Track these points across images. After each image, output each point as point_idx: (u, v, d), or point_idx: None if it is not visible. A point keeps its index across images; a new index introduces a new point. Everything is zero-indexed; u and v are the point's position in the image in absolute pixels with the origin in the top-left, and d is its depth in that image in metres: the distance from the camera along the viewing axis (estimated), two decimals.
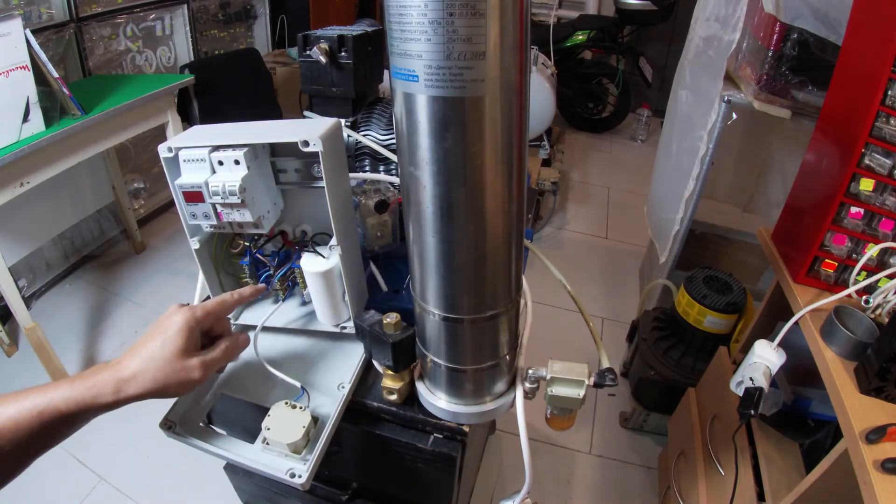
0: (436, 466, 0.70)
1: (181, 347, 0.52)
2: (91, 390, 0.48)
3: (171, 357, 0.51)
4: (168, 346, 0.52)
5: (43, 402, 0.45)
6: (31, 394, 0.46)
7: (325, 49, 0.84)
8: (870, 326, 0.82)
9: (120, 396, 0.49)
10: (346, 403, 0.67)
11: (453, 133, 0.42)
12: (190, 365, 0.53)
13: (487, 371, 0.59)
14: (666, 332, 1.57)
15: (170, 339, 0.52)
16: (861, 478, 0.67)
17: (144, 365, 0.50)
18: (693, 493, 1.18)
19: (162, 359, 0.51)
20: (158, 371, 0.51)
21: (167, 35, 2.51)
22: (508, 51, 0.39)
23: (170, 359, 0.51)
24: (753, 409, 0.87)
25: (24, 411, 0.44)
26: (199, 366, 0.53)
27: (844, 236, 0.89)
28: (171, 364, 0.51)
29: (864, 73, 0.84)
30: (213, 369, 0.55)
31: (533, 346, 0.68)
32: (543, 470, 1.57)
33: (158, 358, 0.51)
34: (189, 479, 1.48)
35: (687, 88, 1.68)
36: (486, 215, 0.47)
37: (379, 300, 0.78)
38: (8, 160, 1.38)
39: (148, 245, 2.46)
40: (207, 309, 0.57)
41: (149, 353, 0.51)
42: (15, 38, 1.36)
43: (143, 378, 0.50)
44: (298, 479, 0.57)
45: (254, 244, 0.71)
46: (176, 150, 0.61)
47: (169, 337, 0.52)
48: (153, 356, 0.51)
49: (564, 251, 2.61)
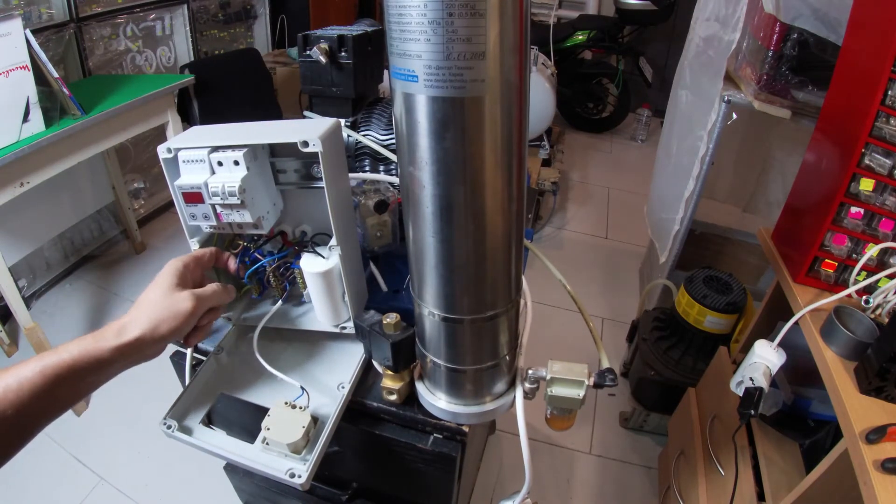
0: (436, 466, 0.70)
1: (170, 284, 0.56)
2: (94, 338, 0.49)
3: (162, 294, 0.55)
4: (159, 286, 0.56)
5: (45, 360, 0.45)
6: (34, 357, 0.46)
7: (325, 49, 0.84)
8: (870, 326, 0.82)
9: (122, 339, 0.50)
10: (345, 403, 0.67)
11: (453, 133, 0.42)
12: (180, 296, 0.55)
13: (487, 371, 0.59)
14: (666, 332, 1.57)
15: (160, 280, 0.56)
16: (861, 478, 0.67)
17: (141, 309, 0.53)
18: (693, 493, 1.18)
19: (154, 299, 0.54)
20: (153, 309, 0.53)
21: (167, 35, 2.51)
22: (508, 51, 0.39)
23: (162, 296, 0.55)
24: (753, 409, 0.87)
25: (25, 372, 0.44)
26: (190, 296, 0.56)
27: (844, 236, 0.89)
28: (164, 300, 0.54)
29: (864, 73, 0.84)
30: (202, 303, 0.57)
31: (533, 346, 0.68)
32: (543, 470, 1.57)
33: (152, 300, 0.54)
34: (189, 479, 1.48)
35: (687, 88, 1.68)
36: (486, 215, 0.47)
37: (379, 300, 0.78)
38: (8, 160, 1.38)
39: (148, 245, 2.46)
40: (194, 254, 0.62)
41: (144, 300, 0.55)
42: (15, 38, 1.36)
43: (140, 319, 0.52)
44: (298, 479, 0.57)
45: (253, 244, 0.71)
46: (175, 150, 0.61)
47: (159, 280, 0.56)
48: (148, 300, 0.55)
49: (564, 251, 2.61)
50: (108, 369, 0.50)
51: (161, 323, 0.53)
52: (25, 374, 0.43)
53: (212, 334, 0.75)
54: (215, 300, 0.60)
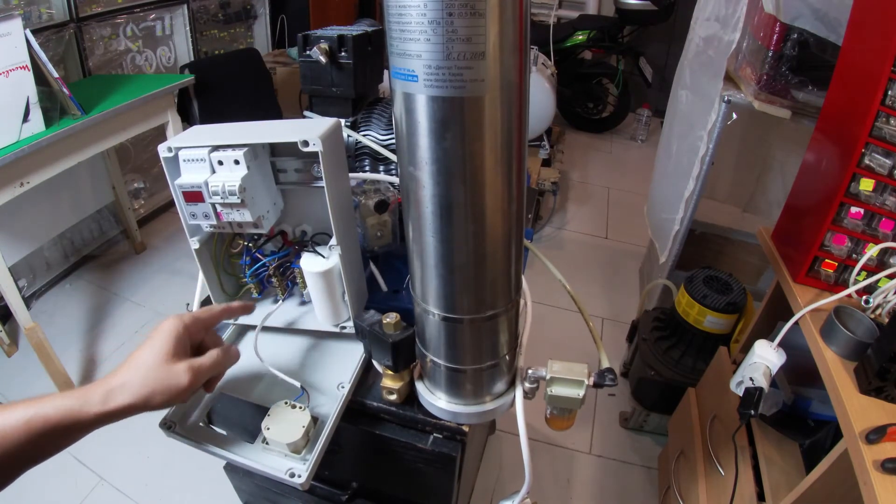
0: (436, 466, 0.70)
1: (167, 352, 0.51)
2: (80, 399, 0.46)
3: (157, 362, 0.50)
4: (155, 351, 0.51)
5: (31, 411, 0.44)
6: (21, 404, 0.44)
7: (325, 49, 0.84)
8: (870, 326, 0.82)
9: (108, 406, 0.47)
10: (345, 403, 0.67)
11: (453, 133, 0.42)
12: (176, 370, 0.51)
13: (487, 371, 0.59)
14: (666, 332, 1.57)
15: (156, 344, 0.51)
16: (861, 478, 0.67)
17: (132, 373, 0.49)
18: (693, 493, 1.18)
19: (148, 365, 0.50)
20: (146, 378, 0.49)
21: (167, 35, 2.51)
22: (508, 51, 0.39)
23: (156, 364, 0.50)
24: (753, 409, 0.87)
25: (11, 420, 0.43)
26: (187, 370, 0.51)
27: (844, 236, 0.89)
28: (158, 370, 0.50)
29: (864, 73, 0.84)
30: (201, 376, 0.53)
31: (533, 346, 0.68)
32: (543, 470, 1.57)
33: (145, 365, 0.50)
34: (189, 479, 1.48)
35: (687, 88, 1.68)
36: (486, 215, 0.47)
37: (379, 300, 0.78)
38: (8, 160, 1.38)
39: (148, 245, 2.46)
40: (195, 315, 0.57)
41: (136, 362, 0.50)
42: (15, 38, 1.36)
43: (130, 386, 0.48)
44: (298, 478, 0.57)
45: (254, 244, 0.71)
46: (176, 149, 0.61)
47: (156, 343, 0.52)
48: (140, 364, 0.50)
49: (564, 251, 2.61)
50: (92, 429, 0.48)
51: (153, 395, 0.49)
52: (11, 423, 0.43)
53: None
54: (215, 370, 0.56)
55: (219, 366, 0.56)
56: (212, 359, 0.55)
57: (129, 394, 0.48)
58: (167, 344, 0.52)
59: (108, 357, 1.88)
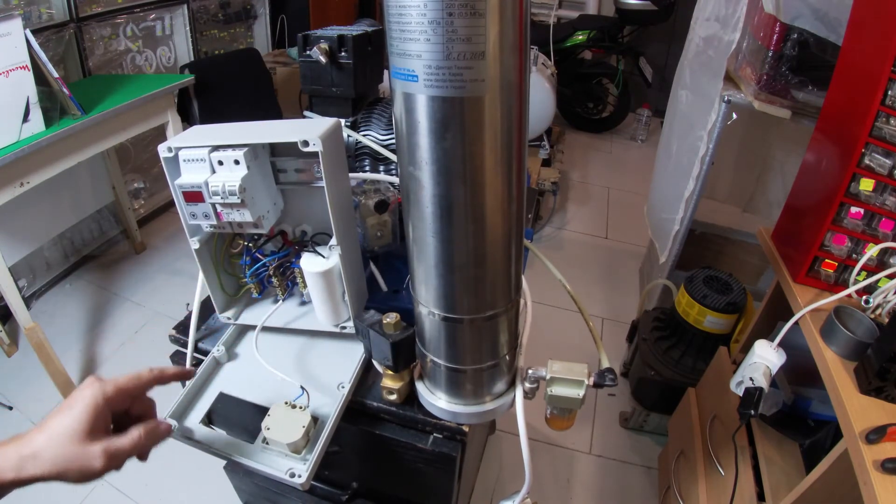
0: (436, 466, 0.70)
1: (84, 429, 0.46)
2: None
3: (72, 438, 0.45)
4: (71, 424, 0.46)
5: None
6: None
7: (325, 49, 0.84)
8: (870, 326, 0.82)
9: (21, 475, 0.43)
10: (345, 403, 0.67)
11: (453, 133, 0.42)
12: (90, 452, 0.46)
13: (487, 371, 0.59)
14: (666, 332, 1.57)
15: (73, 417, 0.46)
16: (861, 478, 0.67)
17: (46, 443, 0.45)
18: (693, 493, 1.18)
19: (63, 439, 0.45)
20: (58, 453, 0.45)
21: (167, 35, 2.51)
22: (508, 51, 0.39)
23: (70, 440, 0.45)
24: (753, 409, 0.87)
25: None
26: (102, 454, 0.46)
27: (844, 236, 0.89)
28: (71, 446, 0.45)
29: (864, 73, 0.84)
30: (118, 460, 0.48)
31: (533, 346, 0.68)
32: (543, 470, 1.57)
33: (60, 436, 0.45)
34: (189, 479, 1.48)
35: (687, 88, 1.68)
36: (486, 215, 0.47)
37: (379, 300, 0.78)
38: (8, 160, 1.38)
39: (148, 245, 2.46)
40: (119, 385, 0.50)
41: (53, 431, 0.46)
42: (15, 38, 1.36)
43: (43, 458, 0.44)
44: (298, 478, 0.57)
45: (254, 244, 0.71)
46: (176, 149, 0.61)
47: (73, 415, 0.46)
48: (56, 434, 0.45)
49: (564, 251, 2.61)
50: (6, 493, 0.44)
51: (66, 473, 0.45)
52: None
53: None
54: (133, 453, 0.49)
55: (139, 448, 0.50)
56: (132, 441, 0.49)
57: (42, 467, 0.44)
58: (83, 418, 0.46)
59: (108, 357, 1.88)
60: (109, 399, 0.48)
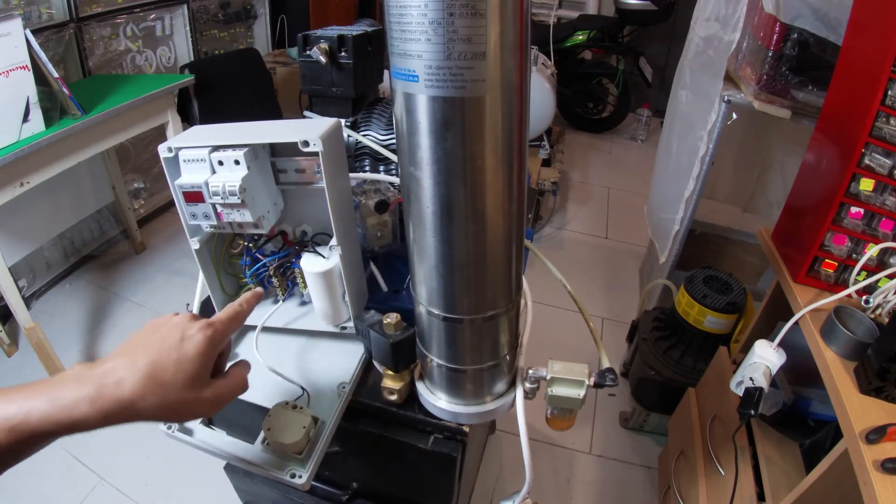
0: (436, 466, 0.70)
1: (199, 374, 0.44)
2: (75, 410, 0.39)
3: (185, 384, 0.43)
4: (185, 370, 0.43)
5: (18, 416, 0.37)
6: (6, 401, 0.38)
7: (325, 49, 0.84)
8: (870, 326, 0.82)
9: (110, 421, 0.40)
10: (346, 403, 0.67)
11: (453, 133, 0.42)
12: (204, 397, 0.44)
13: (487, 371, 0.59)
14: (666, 332, 1.57)
15: (188, 362, 0.43)
16: (861, 478, 0.67)
17: (153, 389, 0.41)
18: (693, 493, 1.18)
19: (175, 385, 0.42)
20: (168, 398, 0.42)
21: (167, 35, 2.51)
22: (508, 51, 0.39)
23: (184, 386, 0.43)
24: (753, 409, 0.87)
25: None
26: (213, 400, 0.45)
27: (844, 236, 0.89)
28: (185, 392, 0.43)
29: (864, 73, 0.84)
30: (223, 404, 0.47)
31: (533, 346, 0.68)
32: (543, 470, 1.57)
33: (171, 384, 0.42)
34: (189, 479, 1.48)
35: (687, 88, 1.68)
36: (487, 215, 0.47)
37: (379, 300, 0.78)
38: (8, 160, 1.38)
39: (148, 245, 2.46)
40: (226, 325, 0.48)
41: (160, 375, 0.42)
42: (15, 38, 1.37)
43: (147, 403, 0.41)
44: (299, 479, 0.57)
45: (254, 244, 0.71)
46: (176, 150, 0.61)
47: (187, 360, 0.43)
48: (165, 380, 0.42)
49: (564, 251, 2.61)
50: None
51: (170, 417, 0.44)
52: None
53: None
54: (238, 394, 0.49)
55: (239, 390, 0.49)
56: (236, 383, 0.48)
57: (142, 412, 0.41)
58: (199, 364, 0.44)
59: None
60: (218, 344, 0.47)
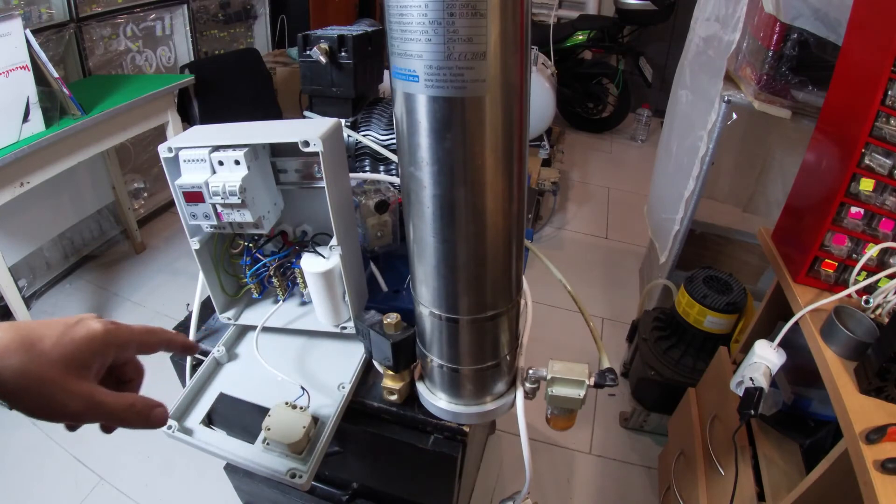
0: (436, 467, 0.70)
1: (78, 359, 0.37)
2: None
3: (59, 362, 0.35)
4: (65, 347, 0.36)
5: None
6: None
7: (325, 49, 0.84)
8: (870, 326, 0.82)
9: None
10: (346, 404, 0.67)
11: (454, 133, 0.42)
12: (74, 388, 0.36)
13: (488, 371, 0.59)
14: (666, 332, 1.57)
15: (71, 341, 0.36)
16: (861, 478, 0.67)
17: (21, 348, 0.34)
18: (693, 493, 1.18)
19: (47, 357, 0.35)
20: (33, 366, 0.34)
21: (167, 35, 2.51)
22: (509, 51, 0.39)
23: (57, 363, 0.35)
24: (753, 409, 0.87)
25: None
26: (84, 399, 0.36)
27: (844, 236, 0.89)
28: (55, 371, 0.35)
29: (864, 73, 0.84)
30: (93, 417, 0.37)
31: (533, 346, 0.68)
32: (543, 470, 1.57)
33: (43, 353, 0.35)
34: (189, 479, 1.48)
35: (687, 88, 1.68)
36: (487, 215, 0.47)
37: (379, 300, 0.78)
38: (8, 160, 1.38)
39: (148, 245, 2.46)
40: (133, 332, 0.41)
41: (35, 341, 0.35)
42: (15, 38, 1.37)
43: (10, 362, 0.34)
44: (299, 479, 0.57)
45: (254, 244, 0.71)
46: (176, 150, 0.61)
47: (70, 339, 0.37)
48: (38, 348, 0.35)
49: (564, 251, 2.61)
50: None
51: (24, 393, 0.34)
52: None
53: None
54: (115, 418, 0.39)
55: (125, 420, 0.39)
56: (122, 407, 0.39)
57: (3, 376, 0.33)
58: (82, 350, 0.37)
59: None
60: (115, 347, 0.40)
